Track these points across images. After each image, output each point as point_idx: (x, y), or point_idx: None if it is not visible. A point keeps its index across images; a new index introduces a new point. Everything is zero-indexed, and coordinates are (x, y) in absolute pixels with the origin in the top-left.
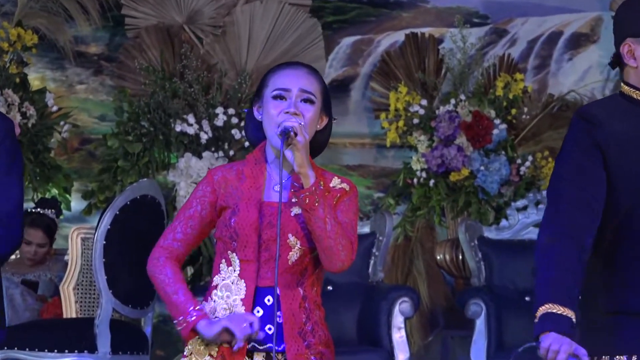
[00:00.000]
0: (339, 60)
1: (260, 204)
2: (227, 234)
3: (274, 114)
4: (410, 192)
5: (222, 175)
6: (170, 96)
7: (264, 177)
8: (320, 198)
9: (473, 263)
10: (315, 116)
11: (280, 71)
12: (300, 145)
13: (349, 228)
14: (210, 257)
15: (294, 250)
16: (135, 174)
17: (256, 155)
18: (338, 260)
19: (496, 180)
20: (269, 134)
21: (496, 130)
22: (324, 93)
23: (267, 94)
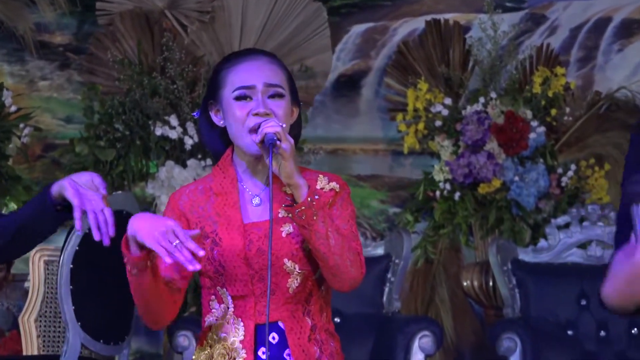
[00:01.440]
0: (347, 52)
1: (242, 227)
2: (212, 268)
3: (240, 117)
4: (432, 207)
5: (188, 199)
6: (149, 94)
7: (238, 191)
8: (317, 210)
9: (506, 290)
10: (288, 111)
11: (237, 65)
12: (287, 153)
13: (351, 237)
14: (196, 285)
15: (293, 276)
16: (108, 186)
17: (223, 166)
18: (348, 277)
19: (533, 193)
20: (239, 141)
21: (533, 134)
22: (290, 80)
23: (225, 95)
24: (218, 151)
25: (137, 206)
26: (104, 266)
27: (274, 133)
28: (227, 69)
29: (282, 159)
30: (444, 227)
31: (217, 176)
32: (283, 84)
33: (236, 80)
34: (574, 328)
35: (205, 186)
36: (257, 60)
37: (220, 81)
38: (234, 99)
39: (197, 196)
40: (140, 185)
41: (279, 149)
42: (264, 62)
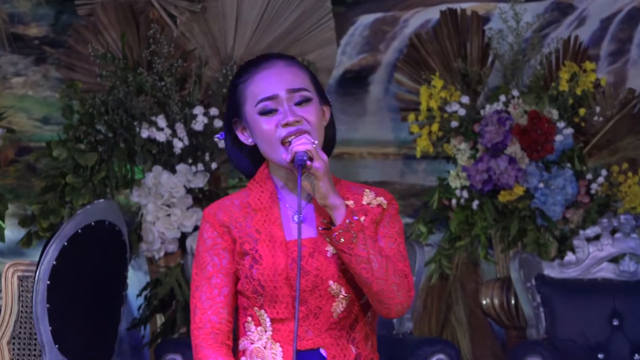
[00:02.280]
0: (354, 46)
1: (285, 244)
2: (250, 288)
3: (269, 132)
4: (448, 217)
5: (225, 214)
6: (134, 92)
7: (278, 207)
8: (357, 232)
9: (529, 309)
10: (319, 114)
11: (254, 76)
12: (320, 172)
13: (398, 258)
14: (186, 302)
15: (338, 300)
16: (89, 194)
17: (260, 180)
18: (395, 303)
19: (559, 201)
20: (272, 157)
21: (559, 136)
22: (314, 80)
23: (248, 111)
24: (250, 172)
25: (121, 216)
26: (84, 282)
27: (305, 151)
28: (244, 82)
29: (315, 179)
30: (460, 239)
31: (254, 191)
32: (307, 86)
33: (257, 92)
34: (605, 351)
35: (242, 201)
36: (274, 67)
37: (240, 97)
38: (259, 113)
39: (234, 211)
40: (124, 193)
41: (310, 169)
42: (282, 67)
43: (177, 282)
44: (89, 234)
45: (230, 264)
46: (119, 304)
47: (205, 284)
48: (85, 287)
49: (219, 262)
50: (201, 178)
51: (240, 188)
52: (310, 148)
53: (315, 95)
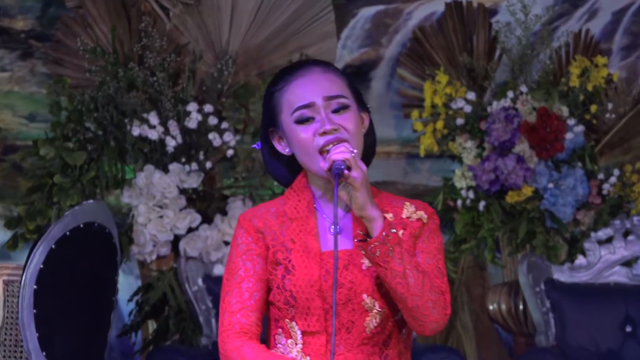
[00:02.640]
0: (355, 39)
1: (319, 256)
2: (282, 299)
3: (306, 141)
4: (453, 219)
5: (260, 220)
6: (125, 88)
7: (315, 217)
8: (394, 246)
9: (538, 315)
10: (358, 121)
11: (289, 84)
12: (358, 182)
13: (436, 274)
14: (179, 308)
15: (371, 315)
16: (77, 194)
17: (298, 189)
18: (430, 320)
19: (570, 202)
20: (310, 166)
21: (570, 133)
22: (351, 86)
23: (285, 120)
24: (288, 182)
25: (111, 218)
26: (72, 287)
27: (343, 160)
28: (280, 89)
29: (353, 189)
30: (466, 241)
31: (291, 199)
32: (345, 93)
33: (292, 100)
34: (618, 359)
35: (277, 209)
36: (310, 73)
37: (275, 105)
38: (295, 122)
39: (270, 219)
40: (114, 193)
41: (347, 178)
42: (318, 73)
43: (169, 287)
44: (78, 236)
45: (263, 270)
46: (108, 310)
47: (235, 289)
48: (73, 292)
49: (252, 267)
50: (195, 178)
51: (236, 188)
52: (349, 157)
53: (353, 102)
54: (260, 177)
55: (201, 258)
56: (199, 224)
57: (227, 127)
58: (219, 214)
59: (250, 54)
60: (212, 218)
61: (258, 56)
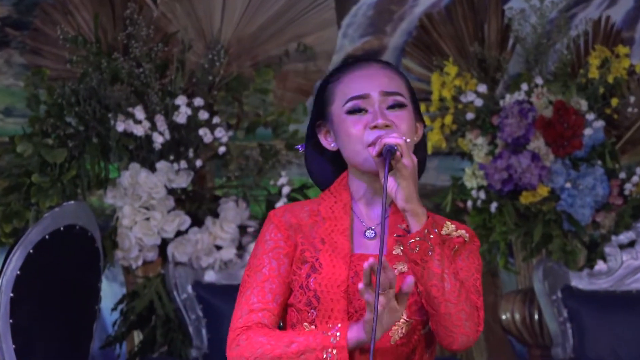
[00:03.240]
0: (357, 27)
1: (349, 257)
2: (304, 299)
3: (355, 133)
4: (463, 221)
5: (293, 216)
6: (108, 80)
7: (350, 219)
8: (434, 246)
9: (555, 325)
10: (412, 124)
11: (346, 75)
12: (408, 170)
13: (472, 291)
14: (167, 317)
15: (397, 325)
16: (57, 195)
17: (335, 191)
18: (460, 333)
19: (589, 203)
20: (355, 158)
21: (589, 129)
22: (411, 91)
23: (335, 111)
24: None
25: (94, 220)
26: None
27: (395, 145)
28: (334, 81)
29: (401, 177)
30: None
31: (326, 200)
32: (403, 92)
33: (347, 91)
34: None
35: (312, 208)
36: (369, 68)
37: (328, 96)
38: (347, 112)
39: (303, 217)
40: (97, 194)
41: (397, 163)
42: (378, 69)
43: (157, 295)
44: (58, 240)
45: (287, 272)
46: (91, 319)
47: (258, 287)
48: (53, 300)
49: (278, 267)
50: (184, 177)
51: (228, 188)
52: (402, 142)
53: (409, 104)
54: (254, 176)
55: (191, 264)
56: (189, 227)
57: (219, 122)
58: (210, 216)
59: (244, 44)
60: (203, 220)
61: (252, 46)
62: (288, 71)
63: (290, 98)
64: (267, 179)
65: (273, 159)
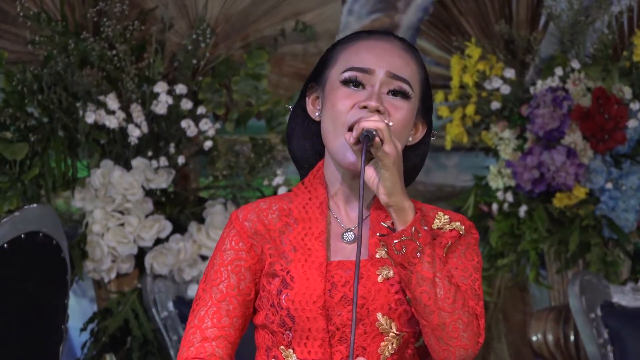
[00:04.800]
0: (364, 3)
1: (325, 266)
2: (277, 320)
3: (341, 108)
4: (487, 227)
5: (260, 219)
6: (77, 64)
7: (327, 220)
8: (424, 246)
9: (594, 348)
10: (409, 118)
11: (357, 42)
12: (390, 158)
13: (470, 295)
14: (144, 338)
15: (387, 339)
16: (17, 197)
17: (310, 185)
18: (457, 345)
19: (633, 207)
20: (331, 143)
21: (633, 121)
22: (425, 85)
23: (332, 75)
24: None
25: (60, 226)
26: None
27: (375, 130)
28: (344, 44)
29: (383, 166)
30: (503, 256)
31: (300, 196)
32: (413, 82)
33: (352, 58)
34: None
35: (282, 207)
36: (386, 42)
37: (331, 57)
38: (342, 81)
39: (271, 220)
40: (64, 195)
41: (377, 150)
42: (394, 47)
43: (133, 312)
44: (18, 249)
45: (249, 288)
46: (57, 341)
47: (213, 307)
48: (13, 319)
49: (237, 283)
50: (164, 176)
51: (215, 189)
52: (382, 127)
53: (415, 99)
54: (245, 175)
55: (172, 276)
56: (170, 234)
57: (205, 112)
58: (195, 222)
59: (233, 22)
60: (186, 226)
61: (242, 24)
62: (284, 54)
63: (286, 85)
64: (260, 178)
65: (267, 156)
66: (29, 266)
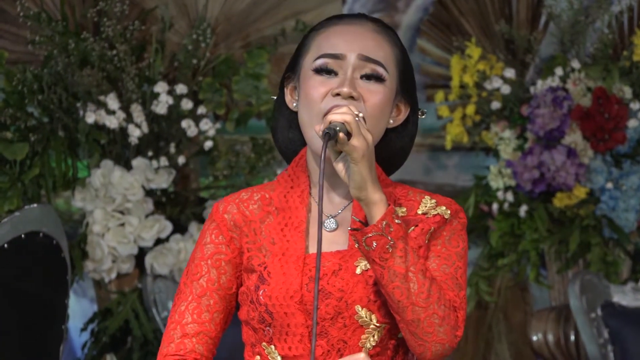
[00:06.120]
0: (364, 2)
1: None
2: (256, 316)
3: (315, 97)
4: (487, 227)
5: (240, 211)
6: (77, 64)
7: (308, 210)
8: (395, 240)
9: (594, 348)
10: (386, 102)
11: (329, 28)
12: (359, 153)
13: (450, 285)
14: (145, 339)
15: (368, 332)
16: (17, 197)
17: (293, 173)
18: (433, 340)
19: (634, 206)
20: (307, 136)
21: (634, 120)
22: (403, 64)
23: (305, 65)
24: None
25: (60, 226)
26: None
27: (343, 123)
28: (317, 30)
29: (351, 160)
30: (504, 255)
31: (282, 185)
32: (387, 63)
33: (323, 45)
34: None
35: (263, 196)
36: (357, 26)
37: (304, 46)
38: (314, 69)
39: (253, 210)
40: (64, 195)
41: (343, 145)
42: (366, 30)
43: (133, 313)
44: (18, 249)
45: (230, 282)
46: (57, 341)
47: (194, 302)
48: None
49: (217, 277)
50: (165, 176)
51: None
52: (349, 119)
53: (392, 81)
54: (246, 175)
55: (172, 277)
56: (170, 234)
57: (205, 112)
58: (195, 222)
59: (234, 22)
60: (186, 226)
61: (243, 24)
62: (285, 53)
63: None
64: (261, 178)
65: (267, 156)
66: (29, 266)
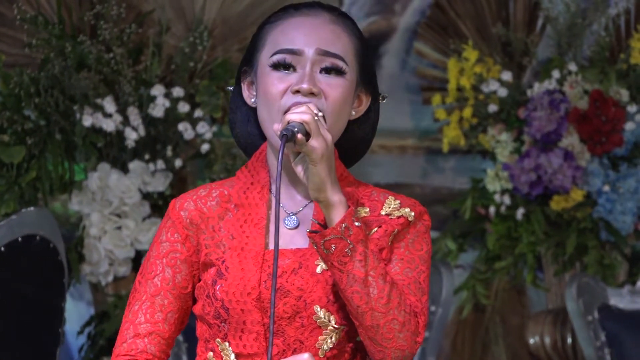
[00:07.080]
0: (361, 5)
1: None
2: (212, 311)
3: (274, 93)
4: (484, 230)
5: (195, 209)
6: (74, 66)
7: (268, 206)
8: (355, 243)
9: (591, 350)
10: (347, 95)
11: (285, 20)
12: (317, 154)
13: (412, 289)
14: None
15: (326, 333)
16: (14, 200)
17: (253, 168)
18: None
19: (631, 209)
20: (268, 134)
21: (631, 123)
22: (361, 54)
23: (262, 60)
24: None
25: (57, 229)
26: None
27: (301, 123)
28: (272, 23)
29: (310, 161)
30: (500, 258)
31: (242, 181)
32: (347, 57)
33: (280, 39)
34: None
35: (222, 193)
36: (314, 17)
37: (259, 39)
38: (271, 65)
39: (210, 207)
40: (61, 198)
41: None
42: (323, 21)
43: None
44: (15, 252)
45: (185, 282)
46: (54, 344)
47: (147, 302)
48: (10, 322)
49: (172, 276)
50: (161, 179)
51: None
52: (308, 119)
53: (352, 73)
54: None
55: None
56: None
57: (202, 115)
58: None
59: (231, 24)
60: None
61: (240, 27)
62: None
63: None
64: None
65: None
66: (26, 269)
